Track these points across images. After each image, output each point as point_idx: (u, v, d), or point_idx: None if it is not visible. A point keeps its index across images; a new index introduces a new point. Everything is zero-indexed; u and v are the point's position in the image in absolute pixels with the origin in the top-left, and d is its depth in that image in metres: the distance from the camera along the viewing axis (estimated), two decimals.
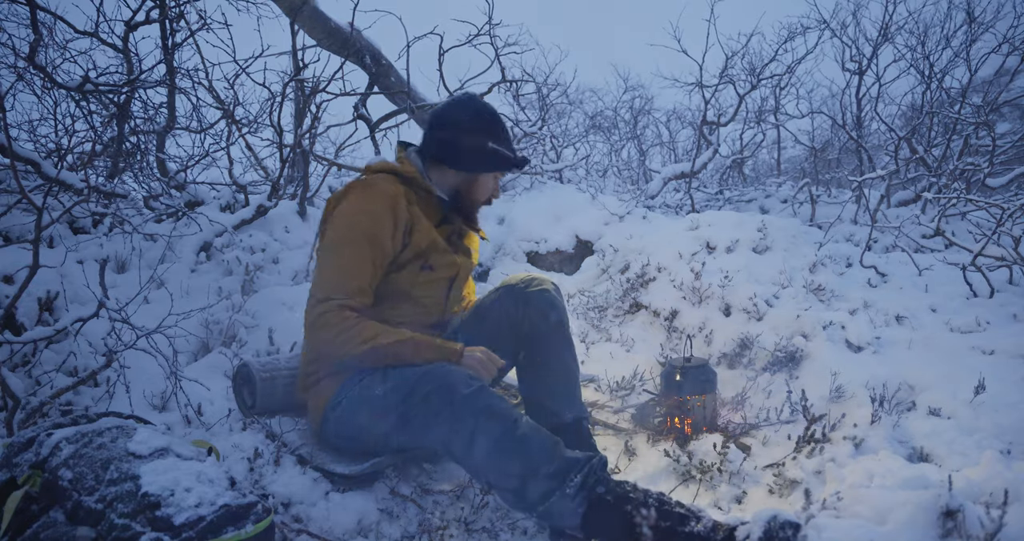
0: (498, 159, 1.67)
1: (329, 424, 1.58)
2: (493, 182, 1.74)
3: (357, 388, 1.53)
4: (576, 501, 1.29)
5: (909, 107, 6.54)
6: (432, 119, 1.72)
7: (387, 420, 1.47)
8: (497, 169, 1.70)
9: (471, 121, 1.66)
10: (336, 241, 1.57)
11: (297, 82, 3.88)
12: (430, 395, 1.40)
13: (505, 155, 1.68)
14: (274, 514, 1.24)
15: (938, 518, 1.23)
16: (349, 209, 1.58)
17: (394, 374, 1.50)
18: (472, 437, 1.35)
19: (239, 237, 3.11)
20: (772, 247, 3.21)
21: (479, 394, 1.38)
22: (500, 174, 1.75)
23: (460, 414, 1.36)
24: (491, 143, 1.65)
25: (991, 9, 5.54)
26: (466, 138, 1.65)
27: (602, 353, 2.61)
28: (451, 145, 1.66)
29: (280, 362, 1.90)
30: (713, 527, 1.22)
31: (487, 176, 1.71)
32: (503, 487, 1.35)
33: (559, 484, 1.30)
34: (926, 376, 2.07)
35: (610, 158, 8.50)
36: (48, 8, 3.17)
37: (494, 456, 1.33)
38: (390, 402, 1.46)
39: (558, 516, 1.31)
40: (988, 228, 3.19)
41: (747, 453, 1.75)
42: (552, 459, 1.32)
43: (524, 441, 1.33)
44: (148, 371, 2.06)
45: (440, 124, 1.68)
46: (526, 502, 1.33)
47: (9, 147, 2.37)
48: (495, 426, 1.34)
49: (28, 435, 1.26)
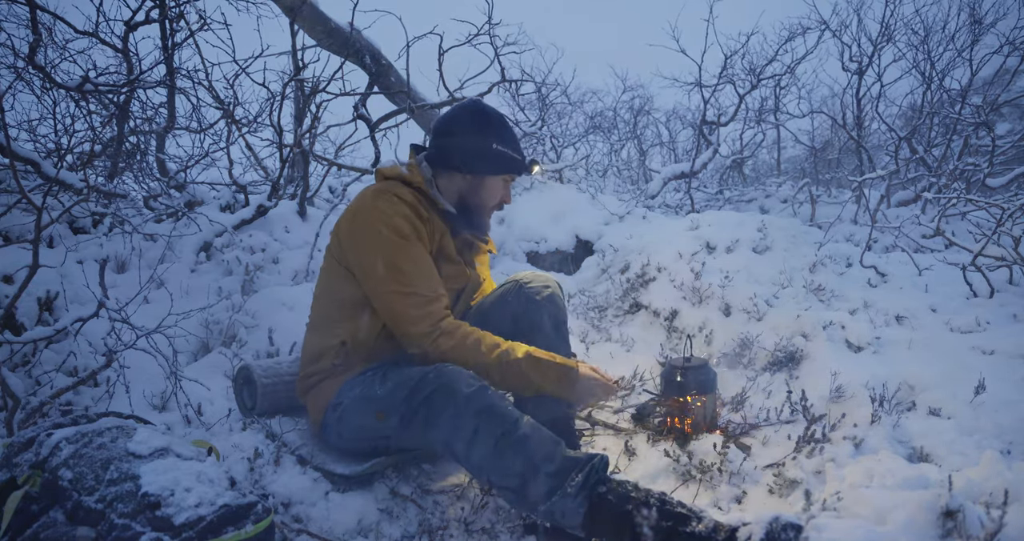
0: (504, 161, 1.66)
1: (330, 425, 1.58)
2: (502, 186, 1.72)
3: (359, 389, 1.53)
4: (578, 500, 1.29)
5: (909, 107, 6.54)
6: (438, 125, 1.72)
7: (388, 420, 1.47)
8: (503, 171, 1.69)
9: (475, 124, 1.66)
10: (396, 244, 1.53)
11: (297, 82, 3.88)
12: (432, 395, 1.41)
13: (511, 157, 1.67)
14: (274, 514, 1.24)
15: (938, 518, 1.22)
16: (388, 211, 1.55)
17: (395, 374, 1.50)
18: (473, 436, 1.35)
19: (239, 237, 3.11)
20: (772, 247, 3.21)
21: (480, 394, 1.38)
22: (510, 178, 1.73)
23: (461, 414, 1.36)
24: (496, 145, 1.64)
25: (993, 10, 5.54)
26: (471, 140, 1.64)
27: (602, 353, 2.61)
28: (457, 149, 1.65)
29: (282, 366, 1.89)
30: (714, 528, 1.22)
31: (494, 180, 1.70)
32: (504, 486, 1.35)
33: (560, 483, 1.30)
34: (926, 376, 2.06)
35: (610, 158, 8.50)
36: (48, 8, 3.17)
37: (495, 455, 1.33)
38: (392, 402, 1.46)
39: (560, 515, 1.31)
40: (988, 228, 3.19)
41: (747, 453, 1.75)
42: (553, 458, 1.32)
43: (525, 441, 1.33)
44: (148, 371, 2.06)
45: (446, 129, 1.68)
46: (527, 501, 1.33)
47: (9, 147, 2.36)
48: (496, 426, 1.34)
49: (28, 435, 1.25)
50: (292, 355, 2.04)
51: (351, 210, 1.62)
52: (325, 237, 3.29)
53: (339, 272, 1.64)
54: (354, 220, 1.60)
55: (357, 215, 1.60)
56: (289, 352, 2.37)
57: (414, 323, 1.52)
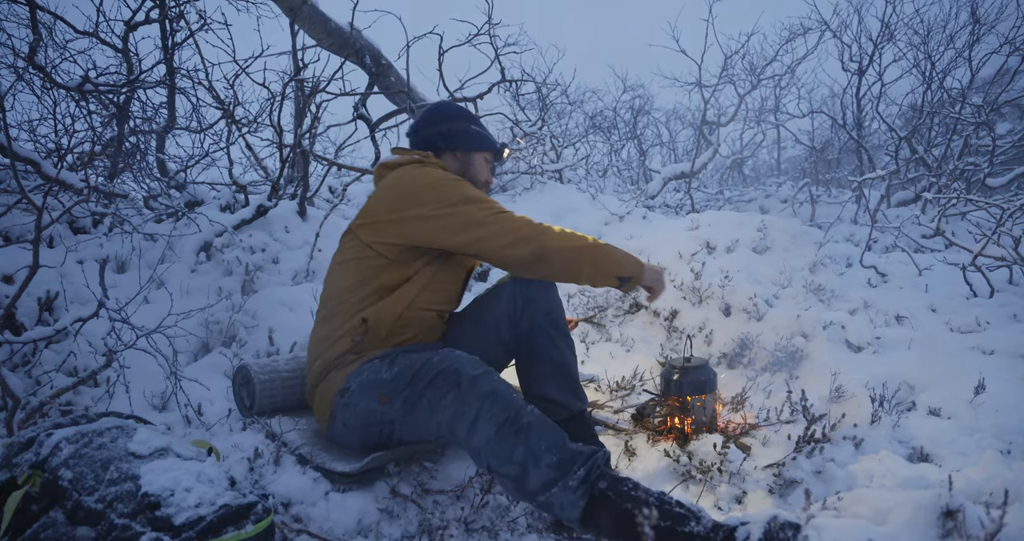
0: (482, 139, 1.86)
1: (337, 413, 1.59)
2: (485, 165, 1.89)
3: (366, 374, 1.56)
4: (578, 494, 1.29)
5: (910, 107, 6.54)
6: (419, 121, 1.88)
7: (393, 403, 1.49)
8: (484, 148, 1.87)
9: (453, 112, 1.87)
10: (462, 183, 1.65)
11: (297, 82, 3.87)
12: (437, 377, 1.43)
13: (487, 136, 1.89)
14: (274, 514, 1.24)
15: (938, 518, 1.22)
16: (437, 172, 1.67)
17: (403, 359, 1.53)
18: (476, 419, 1.36)
19: (239, 237, 3.11)
20: (772, 247, 3.21)
21: (486, 377, 1.40)
22: (490, 156, 1.90)
23: (466, 396, 1.38)
24: (473, 126, 1.85)
25: (994, 10, 5.54)
26: (452, 124, 1.83)
27: (602, 353, 2.61)
28: (441, 134, 1.82)
29: (279, 364, 1.90)
30: (713, 527, 1.22)
31: (479, 157, 1.87)
32: (504, 473, 1.35)
33: (561, 475, 1.30)
34: (926, 376, 2.07)
35: (610, 158, 8.50)
36: (48, 8, 3.17)
37: (496, 440, 1.34)
38: (397, 385, 1.48)
39: (558, 507, 1.31)
40: (988, 228, 3.19)
41: (747, 453, 1.75)
42: (556, 450, 1.33)
43: (528, 429, 1.34)
44: (148, 371, 2.06)
45: (429, 120, 1.85)
46: (526, 490, 1.33)
47: (9, 147, 2.36)
48: (500, 411, 1.35)
49: (28, 435, 1.26)
50: (291, 353, 2.04)
51: (393, 186, 1.67)
52: (325, 237, 3.29)
53: (367, 255, 1.67)
54: (403, 188, 1.65)
55: (403, 181, 1.66)
56: (289, 351, 2.37)
57: (520, 226, 1.59)
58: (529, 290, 1.70)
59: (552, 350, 1.70)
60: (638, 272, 1.66)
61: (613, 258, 1.63)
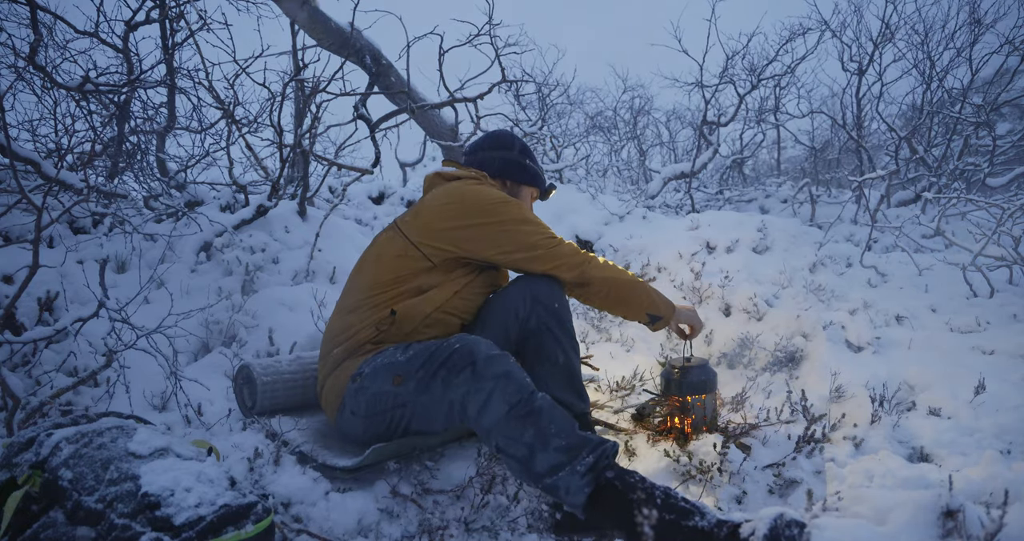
0: (534, 175, 1.97)
1: (347, 400, 1.60)
2: (531, 201, 2.00)
3: (380, 358, 1.57)
4: (585, 480, 1.29)
5: (910, 107, 6.54)
6: (479, 142, 1.99)
7: (406, 384, 1.50)
8: (532, 183, 1.97)
9: (514, 143, 1.97)
10: (517, 205, 1.74)
11: (297, 82, 3.88)
12: (452, 356, 1.45)
13: (539, 173, 1.99)
14: (274, 514, 1.24)
15: (938, 518, 1.22)
16: (498, 192, 1.76)
17: (418, 345, 1.55)
18: (489, 398, 1.37)
19: (239, 237, 3.11)
20: (772, 247, 3.21)
21: (501, 359, 1.42)
22: (536, 193, 2.00)
23: (480, 375, 1.39)
24: (528, 161, 1.97)
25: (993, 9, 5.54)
26: (509, 154, 1.94)
27: (602, 353, 2.61)
28: (497, 160, 1.93)
29: (282, 364, 1.90)
30: (717, 523, 1.22)
31: (527, 191, 1.98)
32: (511, 454, 1.36)
33: (570, 459, 1.31)
34: (926, 376, 2.07)
35: (610, 158, 8.50)
36: (48, 8, 3.17)
37: (507, 420, 1.35)
38: (411, 367, 1.50)
39: (563, 491, 1.31)
40: (988, 228, 3.19)
41: (747, 453, 1.75)
42: (565, 434, 1.33)
43: (540, 412, 1.35)
44: (148, 371, 2.06)
45: (489, 144, 1.96)
46: (532, 473, 1.34)
47: (9, 147, 2.36)
48: (513, 392, 1.36)
49: (28, 435, 1.26)
50: (292, 355, 2.04)
51: (458, 198, 1.72)
52: (325, 237, 3.29)
53: (411, 254, 1.71)
54: (467, 201, 1.71)
55: (467, 195, 1.73)
56: (289, 351, 2.37)
57: (567, 254, 1.72)
58: (537, 290, 1.71)
59: (558, 351, 1.71)
60: (669, 313, 1.83)
61: (648, 295, 1.80)
